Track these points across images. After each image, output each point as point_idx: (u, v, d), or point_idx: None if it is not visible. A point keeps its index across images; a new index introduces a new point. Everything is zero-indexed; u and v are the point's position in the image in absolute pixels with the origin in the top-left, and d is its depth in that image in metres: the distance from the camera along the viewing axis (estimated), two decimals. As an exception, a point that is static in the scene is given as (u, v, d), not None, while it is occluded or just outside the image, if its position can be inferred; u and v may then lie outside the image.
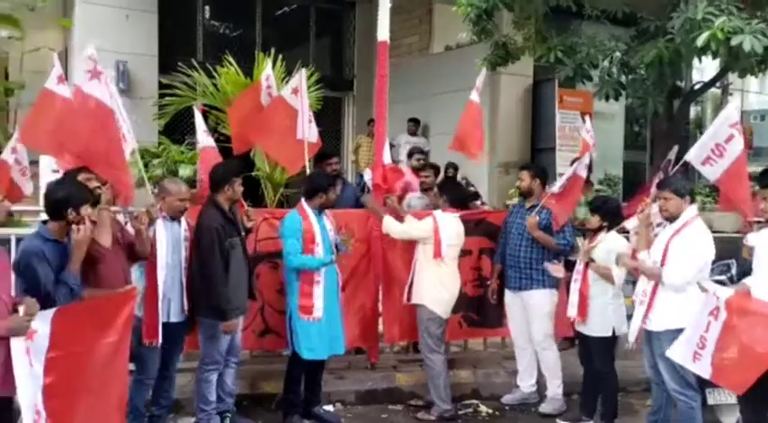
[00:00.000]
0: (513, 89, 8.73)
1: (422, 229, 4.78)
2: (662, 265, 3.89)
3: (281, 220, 4.50)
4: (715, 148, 4.48)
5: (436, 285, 4.75)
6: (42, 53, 5.84)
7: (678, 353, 3.60)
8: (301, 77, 5.01)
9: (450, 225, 4.77)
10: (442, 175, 6.81)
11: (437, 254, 4.69)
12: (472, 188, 7.41)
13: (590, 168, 5.31)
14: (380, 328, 5.25)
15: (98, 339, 2.97)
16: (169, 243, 3.99)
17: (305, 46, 10.18)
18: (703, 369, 3.45)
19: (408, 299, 4.88)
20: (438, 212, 4.82)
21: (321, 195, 4.44)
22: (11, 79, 5.10)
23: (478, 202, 6.99)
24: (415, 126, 9.29)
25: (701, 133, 10.79)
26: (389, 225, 4.86)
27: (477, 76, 5.69)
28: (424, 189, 5.77)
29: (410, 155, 6.38)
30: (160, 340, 3.87)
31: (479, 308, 5.37)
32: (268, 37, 9.61)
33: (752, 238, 4.00)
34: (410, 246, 4.96)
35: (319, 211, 4.45)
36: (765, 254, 3.57)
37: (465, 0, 6.10)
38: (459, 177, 7.59)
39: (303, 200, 4.48)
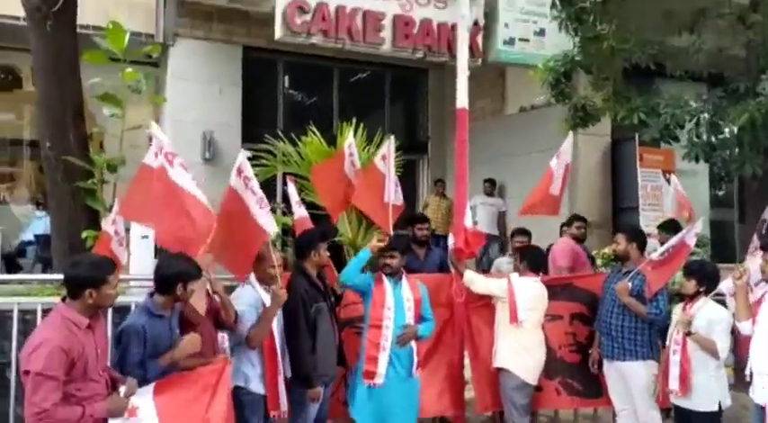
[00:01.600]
0: (592, 149, 8.64)
1: (498, 288, 4.71)
2: None
3: None
4: None
5: (518, 351, 4.62)
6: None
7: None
8: (390, 145, 5.14)
9: (527, 289, 4.66)
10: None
11: (513, 318, 4.57)
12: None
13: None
14: (467, 395, 5.12)
15: (199, 409, 3.00)
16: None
17: (380, 111, 10.46)
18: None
19: (493, 363, 4.76)
20: (514, 276, 4.73)
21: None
22: (111, 155, 5.45)
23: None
24: (491, 187, 9.29)
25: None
26: (471, 277, 4.84)
27: (564, 141, 5.68)
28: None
29: (512, 236, 6.26)
30: (284, 408, 3.90)
31: (580, 375, 5.13)
32: (345, 103, 9.95)
33: None
34: (494, 309, 4.86)
35: (394, 276, 4.44)
36: None
37: (542, 65, 6.16)
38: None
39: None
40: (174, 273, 3.32)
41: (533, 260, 4.87)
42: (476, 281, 4.85)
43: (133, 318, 3.40)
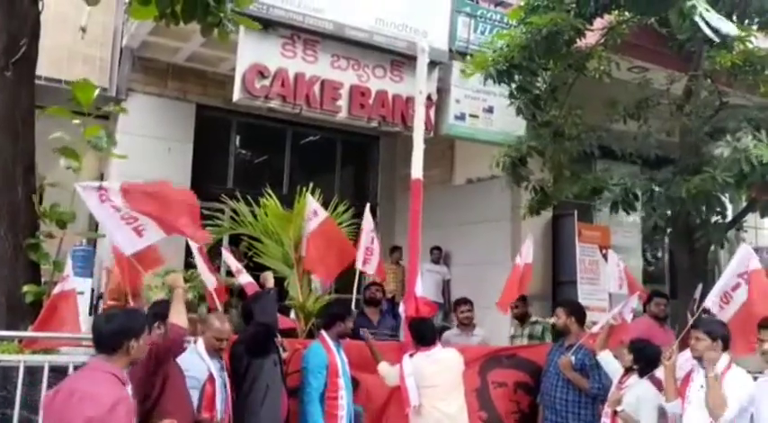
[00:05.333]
0: (534, 224, 8.95)
1: (394, 378, 4.62)
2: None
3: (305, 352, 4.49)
4: (723, 296, 4.61)
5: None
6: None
7: None
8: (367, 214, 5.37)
9: (420, 368, 4.56)
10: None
11: (405, 403, 4.49)
12: None
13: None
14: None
15: None
16: None
17: (331, 175, 10.59)
18: None
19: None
20: (405, 358, 4.62)
21: (339, 324, 4.48)
22: (62, 209, 5.31)
23: None
24: (438, 254, 9.43)
25: (718, 268, 10.98)
26: (384, 372, 4.74)
27: (524, 244, 6.16)
28: (464, 324, 5.88)
29: (456, 305, 6.37)
30: None
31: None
32: (297, 166, 10.04)
33: None
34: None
35: (337, 341, 4.46)
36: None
37: (497, 154, 6.51)
38: None
39: (323, 330, 4.51)
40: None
41: (419, 333, 4.75)
42: (386, 376, 4.73)
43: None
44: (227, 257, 5.27)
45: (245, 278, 5.13)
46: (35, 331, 4.82)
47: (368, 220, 5.46)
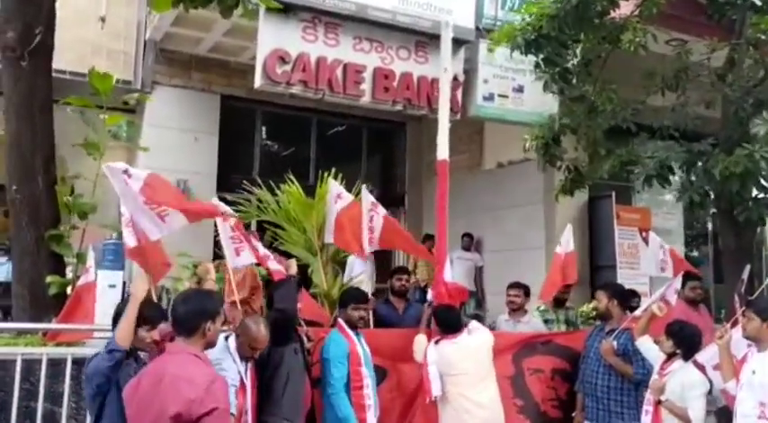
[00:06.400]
0: (570, 207, 8.66)
1: (421, 353, 4.48)
2: None
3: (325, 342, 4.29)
4: None
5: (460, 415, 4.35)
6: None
7: None
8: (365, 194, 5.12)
9: (444, 355, 4.41)
10: None
11: (428, 392, 4.33)
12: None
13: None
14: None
15: None
16: None
17: (358, 163, 10.44)
18: None
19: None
20: (430, 346, 4.46)
21: (342, 311, 4.32)
22: (83, 200, 5.26)
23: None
24: (469, 241, 9.21)
25: (765, 249, 10.48)
26: (417, 340, 4.60)
27: (564, 232, 5.90)
28: (515, 309, 5.68)
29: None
30: None
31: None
32: (322, 155, 9.90)
33: None
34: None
35: (355, 329, 4.28)
36: None
37: (529, 133, 6.23)
38: None
39: (340, 318, 4.33)
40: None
41: (444, 321, 4.58)
42: (417, 349, 4.56)
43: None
44: (257, 244, 5.09)
45: (273, 265, 4.97)
46: (59, 323, 4.78)
47: (366, 199, 5.20)
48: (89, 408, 3.31)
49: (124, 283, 7.64)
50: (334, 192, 5.20)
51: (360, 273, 6.65)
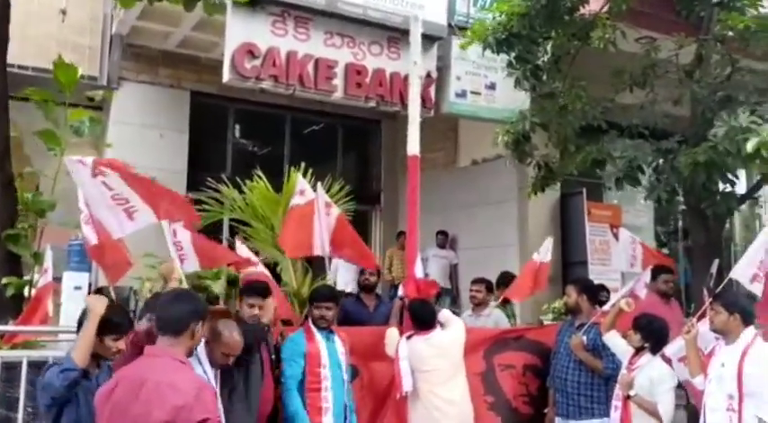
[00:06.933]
0: (541, 204, 8.67)
1: (393, 347, 4.40)
2: (740, 396, 3.57)
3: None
4: (760, 265, 4.39)
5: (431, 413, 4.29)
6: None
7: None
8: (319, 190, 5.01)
9: (416, 351, 4.33)
10: None
11: (398, 387, 4.25)
12: None
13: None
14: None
15: None
16: None
17: (333, 161, 10.33)
18: None
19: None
20: (402, 341, 4.38)
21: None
22: (43, 198, 5.10)
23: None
24: (444, 239, 9.18)
25: (734, 245, 10.61)
26: (390, 334, 4.53)
27: (544, 242, 5.90)
28: (477, 304, 5.72)
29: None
30: None
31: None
32: (297, 153, 9.77)
33: None
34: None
35: (325, 329, 4.17)
36: None
37: (499, 129, 6.21)
38: None
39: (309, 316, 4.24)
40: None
41: (418, 316, 4.49)
42: (389, 343, 4.50)
43: None
44: (240, 248, 4.96)
45: (259, 269, 4.83)
46: (19, 325, 4.63)
47: (321, 196, 4.97)
48: (44, 417, 3.16)
49: (90, 285, 7.51)
50: (298, 188, 5.07)
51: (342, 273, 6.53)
